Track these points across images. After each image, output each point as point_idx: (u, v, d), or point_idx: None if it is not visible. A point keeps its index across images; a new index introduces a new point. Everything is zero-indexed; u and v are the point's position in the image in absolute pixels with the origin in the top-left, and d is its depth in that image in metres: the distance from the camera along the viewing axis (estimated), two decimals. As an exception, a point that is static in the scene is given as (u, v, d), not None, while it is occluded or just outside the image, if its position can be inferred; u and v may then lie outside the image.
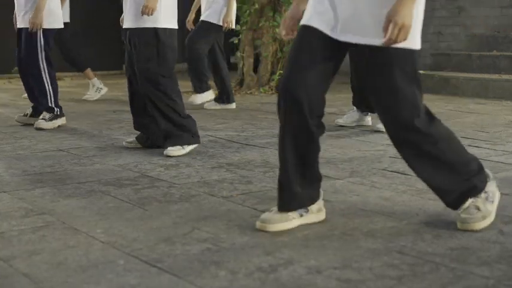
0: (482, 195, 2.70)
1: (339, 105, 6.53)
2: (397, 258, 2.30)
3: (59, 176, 3.62)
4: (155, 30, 4.18)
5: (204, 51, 6.51)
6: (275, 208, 2.69)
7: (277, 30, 8.42)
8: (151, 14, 4.11)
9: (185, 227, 2.68)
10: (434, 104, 7.02)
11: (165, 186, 3.37)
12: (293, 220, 2.66)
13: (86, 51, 10.39)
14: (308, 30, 2.60)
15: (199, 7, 6.95)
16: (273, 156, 4.17)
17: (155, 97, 4.20)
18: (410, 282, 2.09)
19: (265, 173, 3.67)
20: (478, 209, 2.65)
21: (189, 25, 7.00)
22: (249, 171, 3.74)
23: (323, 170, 3.72)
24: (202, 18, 6.57)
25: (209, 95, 6.61)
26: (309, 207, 2.71)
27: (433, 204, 2.99)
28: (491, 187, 2.76)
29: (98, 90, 7.67)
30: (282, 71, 8.53)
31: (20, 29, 5.39)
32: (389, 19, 2.41)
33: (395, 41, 2.42)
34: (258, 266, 2.24)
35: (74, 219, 2.80)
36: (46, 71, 5.34)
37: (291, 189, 2.65)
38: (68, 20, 7.41)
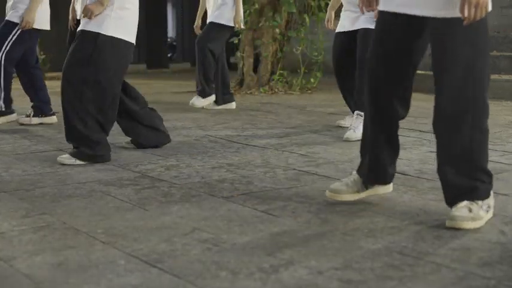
0: (479, 202, 2.70)
1: (339, 106, 6.53)
2: (398, 258, 2.30)
3: (59, 176, 3.62)
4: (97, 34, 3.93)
5: (217, 51, 6.49)
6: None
7: (277, 30, 8.43)
8: (90, 18, 3.90)
9: (186, 227, 2.68)
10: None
11: (165, 187, 3.37)
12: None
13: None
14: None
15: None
16: (273, 156, 4.17)
17: (71, 103, 3.97)
18: (411, 282, 2.09)
19: (265, 173, 3.67)
20: (470, 210, 2.65)
21: (197, 30, 6.97)
22: (250, 171, 3.73)
23: (323, 170, 3.74)
24: (211, 20, 6.51)
25: (211, 99, 6.57)
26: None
27: (434, 204, 2.99)
28: (490, 201, 2.77)
29: None
30: (281, 71, 8.55)
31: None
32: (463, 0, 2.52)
33: (475, 19, 2.53)
34: (259, 266, 2.23)
35: (74, 219, 2.80)
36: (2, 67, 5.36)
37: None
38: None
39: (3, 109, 5.47)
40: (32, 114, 5.57)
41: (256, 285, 2.08)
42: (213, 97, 6.56)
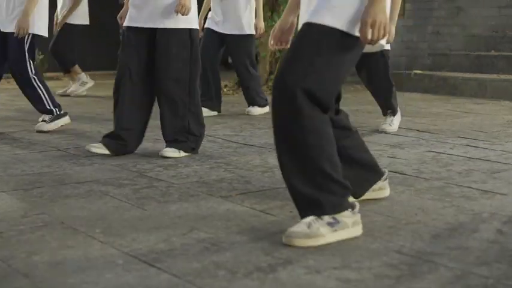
0: (326, 219, 2.46)
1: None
2: (396, 258, 2.31)
3: (58, 176, 3.62)
4: (189, 31, 4.15)
5: (252, 64, 6.43)
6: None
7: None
8: (187, 14, 4.06)
9: (184, 226, 2.68)
10: (433, 104, 7.03)
11: (163, 186, 3.37)
12: None
13: (85, 50, 10.40)
14: None
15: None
16: (271, 156, 4.17)
17: (181, 101, 4.15)
18: (409, 282, 2.10)
19: (263, 173, 3.67)
20: (309, 226, 2.43)
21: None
22: (248, 171, 3.74)
23: (322, 169, 3.73)
24: (243, 32, 6.32)
25: (267, 109, 6.44)
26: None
27: (432, 204, 3.00)
28: (345, 218, 2.49)
29: (83, 84, 7.71)
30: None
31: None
32: (362, 22, 2.39)
33: (373, 41, 2.40)
34: (257, 265, 2.24)
35: (72, 219, 2.80)
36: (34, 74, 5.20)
37: None
38: (87, 21, 7.45)
39: (58, 112, 5.28)
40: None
41: (254, 284, 2.08)
42: (267, 107, 6.44)
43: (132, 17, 4.19)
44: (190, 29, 4.14)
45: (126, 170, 3.75)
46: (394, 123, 5.10)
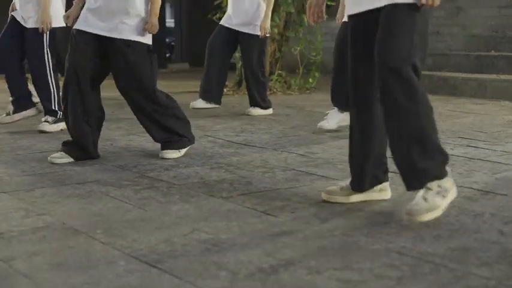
0: (435, 188, 2.68)
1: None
2: (397, 258, 2.31)
3: (59, 176, 3.62)
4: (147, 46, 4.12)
5: (261, 67, 6.44)
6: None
7: (275, 30, 8.43)
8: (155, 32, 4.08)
9: (185, 227, 2.69)
10: (433, 104, 7.01)
11: (164, 187, 3.37)
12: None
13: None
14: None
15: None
16: (272, 156, 4.17)
17: (152, 110, 4.11)
18: (410, 283, 2.10)
19: (264, 174, 3.67)
20: (425, 200, 2.65)
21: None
22: (249, 171, 3.74)
23: (322, 170, 3.74)
24: (254, 32, 6.33)
25: (270, 111, 6.43)
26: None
27: (433, 204, 2.99)
28: (447, 183, 2.73)
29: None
30: (280, 71, 8.55)
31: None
32: None
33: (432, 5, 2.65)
34: (259, 266, 2.24)
35: (73, 219, 2.80)
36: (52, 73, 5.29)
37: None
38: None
39: (61, 116, 5.24)
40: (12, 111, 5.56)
41: (255, 285, 2.08)
42: (271, 110, 6.44)
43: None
44: (148, 44, 4.12)
45: (127, 171, 3.76)
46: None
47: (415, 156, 2.67)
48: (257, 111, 6.30)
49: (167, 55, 15.68)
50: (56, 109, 5.27)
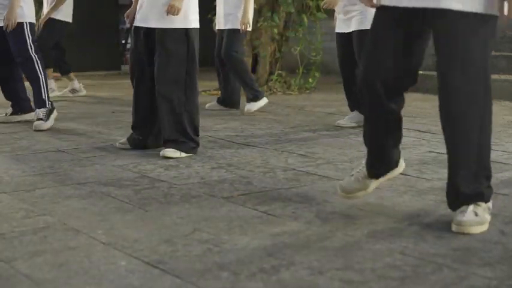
0: (483, 205, 2.67)
1: (338, 106, 6.53)
2: (399, 259, 2.30)
3: (59, 176, 3.62)
4: (186, 30, 4.16)
5: (241, 58, 6.46)
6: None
7: (275, 30, 8.43)
8: (177, 14, 4.08)
9: (186, 228, 2.68)
10: (434, 104, 7.01)
11: (165, 187, 3.37)
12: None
13: (84, 51, 10.39)
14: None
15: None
16: (272, 156, 4.17)
17: (177, 101, 4.15)
18: (413, 283, 2.09)
19: (265, 174, 3.67)
20: (476, 214, 2.62)
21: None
22: (249, 171, 3.73)
23: (323, 170, 3.74)
24: (229, 27, 6.35)
25: (264, 100, 6.45)
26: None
27: (434, 205, 2.99)
28: (490, 205, 2.74)
29: (73, 91, 7.75)
30: (280, 71, 8.55)
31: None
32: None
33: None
34: (260, 267, 2.23)
35: (74, 220, 2.80)
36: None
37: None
38: (69, 20, 7.39)
39: (51, 106, 5.38)
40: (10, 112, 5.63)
41: (257, 285, 2.08)
42: (265, 99, 6.43)
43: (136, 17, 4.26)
44: (186, 29, 4.15)
45: (127, 171, 3.75)
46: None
47: (474, 180, 2.67)
48: (253, 105, 6.31)
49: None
50: (45, 98, 5.33)
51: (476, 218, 2.60)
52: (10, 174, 3.67)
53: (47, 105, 5.32)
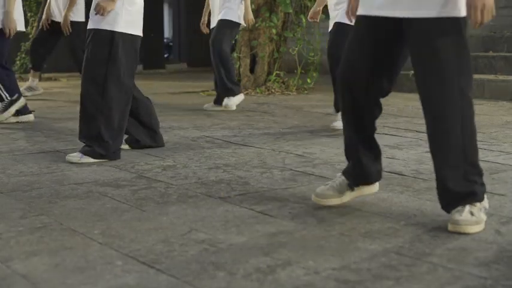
0: (478, 205, 2.68)
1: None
2: (394, 259, 2.31)
3: (56, 177, 3.62)
4: (112, 32, 4.04)
5: (229, 49, 6.49)
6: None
7: (273, 30, 8.44)
8: (103, 15, 3.98)
9: (183, 227, 2.68)
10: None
11: (162, 187, 3.37)
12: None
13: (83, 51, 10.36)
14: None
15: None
16: (269, 156, 4.17)
17: (93, 102, 4.03)
18: (408, 282, 2.10)
19: (262, 174, 3.67)
20: (472, 214, 2.63)
21: (203, 28, 6.96)
22: (246, 172, 3.74)
23: (320, 170, 3.74)
24: (220, 17, 6.48)
25: (241, 97, 6.48)
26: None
27: (431, 205, 3.00)
28: (486, 204, 2.74)
29: (29, 89, 7.73)
30: (278, 72, 8.56)
31: None
32: (469, 4, 2.57)
33: (482, 23, 2.59)
34: (256, 267, 2.24)
35: (71, 220, 2.80)
36: None
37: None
38: (83, 19, 7.33)
39: (14, 98, 5.47)
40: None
41: (253, 285, 2.08)
42: (242, 95, 6.46)
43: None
44: (112, 31, 4.03)
45: (124, 171, 3.75)
46: None
47: (463, 182, 2.67)
48: (232, 100, 6.36)
49: (165, 55, 15.68)
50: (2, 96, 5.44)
51: (473, 217, 2.61)
52: (7, 174, 3.67)
53: (5, 99, 5.46)
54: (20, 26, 5.49)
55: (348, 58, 2.83)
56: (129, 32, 4.07)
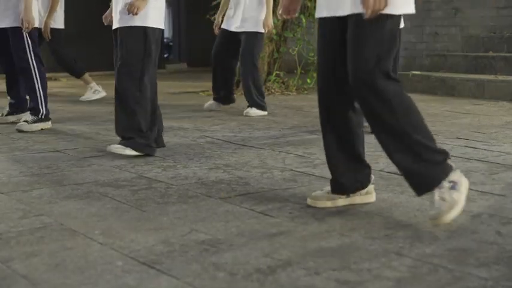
0: (446, 184, 2.66)
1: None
2: (395, 259, 2.31)
3: (57, 177, 3.62)
4: (144, 29, 4.17)
5: (258, 64, 6.48)
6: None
7: (274, 30, 8.43)
8: (137, 14, 4.10)
9: (183, 228, 2.68)
10: (431, 105, 7.04)
11: (162, 188, 3.37)
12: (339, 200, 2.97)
13: (82, 51, 10.39)
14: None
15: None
16: (270, 157, 4.17)
17: (132, 96, 4.16)
18: (409, 283, 2.10)
19: (262, 174, 3.67)
20: (443, 199, 2.63)
21: (216, 30, 6.89)
22: (246, 172, 3.74)
23: (320, 170, 3.74)
24: (250, 29, 6.31)
25: (265, 112, 6.40)
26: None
27: (431, 205, 2.99)
28: (455, 176, 2.70)
29: (96, 92, 7.66)
30: (278, 72, 8.55)
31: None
32: None
33: (376, 11, 2.55)
34: (257, 267, 2.24)
35: (71, 220, 2.80)
36: (36, 69, 5.30)
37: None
38: (62, 26, 7.35)
39: (43, 117, 5.33)
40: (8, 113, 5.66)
41: (253, 286, 2.08)
42: (266, 113, 6.43)
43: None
44: (145, 27, 4.16)
45: (124, 171, 3.75)
46: None
47: (411, 163, 2.67)
48: (255, 111, 6.30)
49: (165, 55, 15.67)
50: (40, 107, 5.29)
51: (445, 203, 2.62)
52: (7, 175, 3.67)
53: (40, 115, 5.29)
54: (37, 23, 5.42)
55: (319, 59, 2.91)
56: (157, 26, 4.23)
